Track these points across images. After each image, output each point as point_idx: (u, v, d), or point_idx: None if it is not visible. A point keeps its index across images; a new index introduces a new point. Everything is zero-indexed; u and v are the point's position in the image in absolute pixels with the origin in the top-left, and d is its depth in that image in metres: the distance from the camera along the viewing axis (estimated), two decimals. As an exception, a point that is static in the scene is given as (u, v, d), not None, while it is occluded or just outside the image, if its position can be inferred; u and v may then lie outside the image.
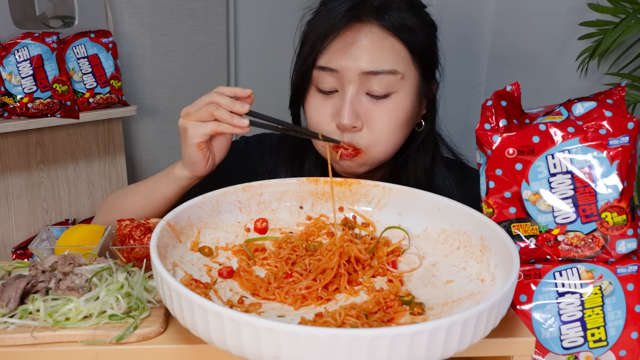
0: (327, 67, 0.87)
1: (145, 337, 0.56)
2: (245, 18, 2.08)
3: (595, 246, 0.65)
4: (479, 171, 0.70)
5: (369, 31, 0.85)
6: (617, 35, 1.26)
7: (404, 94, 0.87)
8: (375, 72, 0.85)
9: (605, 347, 0.64)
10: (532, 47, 1.57)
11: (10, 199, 1.57)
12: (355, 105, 0.86)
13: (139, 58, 1.83)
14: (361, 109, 0.87)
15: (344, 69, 0.85)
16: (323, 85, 0.88)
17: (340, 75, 0.86)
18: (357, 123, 0.86)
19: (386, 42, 0.85)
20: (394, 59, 0.85)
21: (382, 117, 0.87)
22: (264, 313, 0.58)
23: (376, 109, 0.87)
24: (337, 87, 0.88)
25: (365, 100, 0.87)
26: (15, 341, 0.55)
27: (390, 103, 0.87)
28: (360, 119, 0.87)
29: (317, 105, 0.90)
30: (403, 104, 0.88)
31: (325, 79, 0.88)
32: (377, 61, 0.85)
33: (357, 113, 0.86)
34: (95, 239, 0.77)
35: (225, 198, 0.72)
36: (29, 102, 1.45)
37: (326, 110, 0.89)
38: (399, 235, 0.72)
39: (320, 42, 0.87)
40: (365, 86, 0.86)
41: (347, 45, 0.85)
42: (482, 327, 0.49)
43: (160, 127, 1.95)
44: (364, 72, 0.85)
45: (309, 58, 0.89)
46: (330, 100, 0.89)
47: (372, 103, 0.87)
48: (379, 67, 0.84)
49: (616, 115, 0.66)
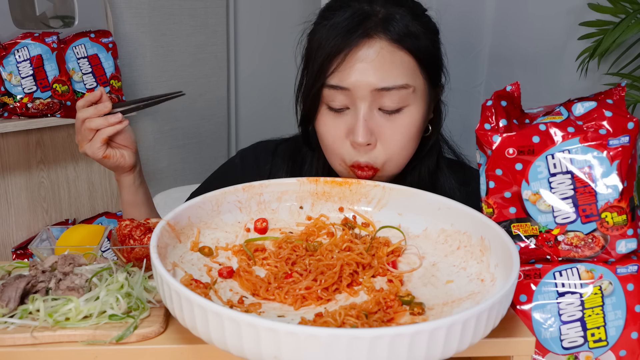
0: (339, 85, 0.85)
1: (145, 337, 0.56)
2: (245, 18, 2.08)
3: (595, 246, 0.65)
4: (479, 171, 0.70)
5: (379, 47, 0.84)
6: (617, 35, 1.25)
7: (415, 106, 0.86)
8: (387, 89, 0.83)
9: (605, 347, 0.64)
10: (532, 47, 1.57)
11: (10, 199, 1.57)
12: (369, 122, 0.85)
13: (139, 58, 1.83)
14: (374, 125, 0.85)
15: (355, 87, 0.84)
16: (334, 104, 0.86)
17: (351, 93, 0.84)
18: (372, 140, 0.86)
19: (396, 57, 0.84)
20: (404, 72, 0.84)
21: (396, 133, 0.86)
22: (264, 313, 0.58)
23: (389, 125, 0.86)
24: (348, 104, 0.86)
25: (378, 116, 0.86)
26: (15, 341, 0.55)
27: (403, 117, 0.86)
28: (374, 135, 0.86)
29: (330, 124, 0.88)
30: (415, 116, 0.87)
31: (337, 97, 0.86)
32: (388, 77, 0.83)
33: (370, 130, 0.85)
34: (95, 239, 0.77)
35: (225, 198, 0.72)
36: (29, 102, 1.45)
37: (339, 129, 0.87)
38: (399, 235, 0.72)
39: (329, 61, 0.85)
40: (378, 102, 0.85)
41: (358, 63, 0.83)
42: (482, 327, 0.49)
43: (160, 127, 1.95)
44: (376, 89, 0.83)
45: (319, 77, 0.87)
46: (342, 118, 0.87)
47: (385, 119, 0.86)
48: (391, 83, 0.83)
49: (616, 115, 0.66)
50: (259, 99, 2.19)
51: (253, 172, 1.05)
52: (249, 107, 2.21)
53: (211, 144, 2.14)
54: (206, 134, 2.11)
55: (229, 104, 2.15)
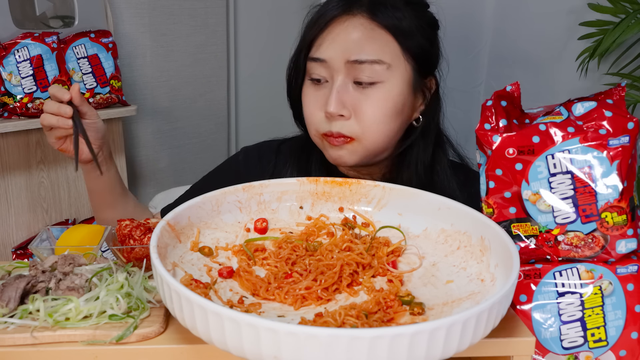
0: (317, 57, 0.90)
1: (145, 337, 0.56)
2: (245, 18, 2.08)
3: (595, 246, 0.65)
4: (479, 171, 0.70)
5: (358, 23, 0.88)
6: (617, 35, 1.25)
7: (390, 84, 0.89)
8: (360, 61, 0.87)
9: (605, 347, 0.64)
10: (532, 47, 1.57)
11: (10, 199, 1.57)
12: (342, 94, 0.89)
13: (139, 58, 1.83)
14: (348, 97, 0.89)
15: (331, 59, 0.89)
16: (314, 76, 0.92)
17: (329, 65, 0.89)
18: (344, 112, 0.89)
19: (374, 33, 0.88)
20: (380, 49, 0.88)
21: (369, 106, 0.89)
22: (264, 313, 0.58)
23: (363, 98, 0.89)
24: (327, 77, 0.91)
25: (352, 90, 0.89)
26: (15, 341, 0.55)
27: (376, 92, 0.89)
28: (347, 108, 0.89)
29: (310, 96, 0.94)
30: (390, 94, 0.89)
31: (316, 70, 0.91)
32: (362, 51, 0.87)
33: (343, 102, 0.89)
34: (95, 239, 0.77)
35: (225, 198, 0.72)
36: (29, 102, 1.45)
37: (318, 100, 0.92)
38: (399, 235, 0.72)
39: (311, 34, 0.91)
40: (352, 75, 0.89)
41: (336, 36, 0.89)
42: (482, 327, 0.49)
43: (160, 127, 1.95)
44: (349, 61, 0.88)
45: (302, 50, 0.93)
46: (321, 90, 0.92)
47: (359, 92, 0.89)
48: (363, 56, 0.87)
49: (616, 115, 0.66)
50: (259, 99, 2.19)
51: (256, 170, 1.06)
52: (249, 107, 2.21)
53: (211, 144, 2.14)
54: (206, 134, 2.11)
55: (229, 104, 2.15)
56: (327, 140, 0.92)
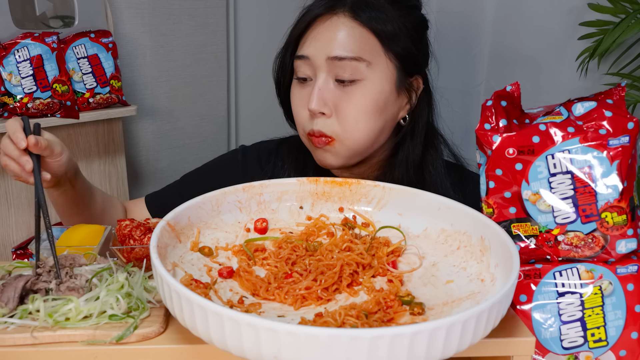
0: (301, 55, 0.92)
1: (145, 337, 0.56)
2: (245, 18, 2.08)
3: (595, 246, 0.65)
4: (479, 171, 0.70)
5: (340, 22, 0.89)
6: (617, 35, 1.26)
7: (371, 82, 0.90)
8: (340, 58, 0.88)
9: (605, 347, 0.64)
10: (532, 47, 1.57)
11: (10, 199, 1.57)
12: (324, 92, 0.90)
13: (139, 58, 1.82)
14: (329, 95, 0.90)
15: (314, 56, 0.90)
16: (300, 74, 0.93)
17: (311, 62, 0.91)
18: (325, 109, 0.90)
19: (355, 31, 0.89)
20: (360, 47, 0.89)
21: (349, 105, 0.90)
22: (264, 313, 0.58)
23: (344, 96, 0.90)
24: (311, 75, 0.92)
25: (334, 87, 0.90)
26: (15, 341, 0.55)
27: (356, 90, 0.89)
28: (328, 105, 0.90)
29: (297, 94, 0.95)
30: (371, 92, 0.90)
31: (301, 68, 0.93)
32: (343, 47, 0.88)
33: (325, 99, 0.90)
34: (95, 239, 0.77)
35: (225, 198, 0.72)
36: (29, 102, 1.45)
37: (302, 98, 0.93)
38: (399, 235, 0.72)
39: (295, 32, 0.93)
40: (334, 72, 0.90)
41: (318, 34, 0.90)
42: (482, 327, 0.49)
43: (160, 127, 1.95)
44: (329, 58, 0.89)
45: (287, 48, 0.95)
46: (305, 88, 0.93)
47: (340, 90, 0.90)
48: (343, 53, 0.88)
49: (616, 115, 0.66)
50: (259, 99, 2.19)
51: (254, 170, 1.06)
52: (249, 107, 2.21)
53: (211, 144, 2.14)
54: (206, 134, 2.11)
55: (229, 104, 2.15)
56: (311, 140, 0.93)
